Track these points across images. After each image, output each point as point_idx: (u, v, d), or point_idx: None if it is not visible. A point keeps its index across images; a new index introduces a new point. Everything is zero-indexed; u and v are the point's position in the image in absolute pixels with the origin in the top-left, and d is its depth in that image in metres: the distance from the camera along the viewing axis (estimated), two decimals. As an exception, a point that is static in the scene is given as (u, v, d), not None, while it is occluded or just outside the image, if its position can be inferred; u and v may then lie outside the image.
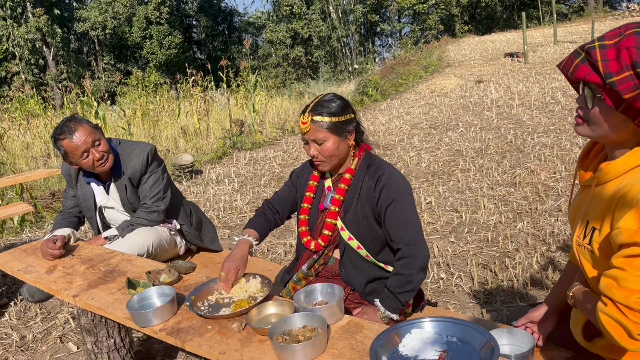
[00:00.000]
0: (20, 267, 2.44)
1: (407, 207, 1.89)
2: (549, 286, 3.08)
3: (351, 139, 1.96)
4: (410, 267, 1.83)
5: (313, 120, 1.89)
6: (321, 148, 1.91)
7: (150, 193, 2.72)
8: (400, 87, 13.59)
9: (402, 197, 1.88)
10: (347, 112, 1.93)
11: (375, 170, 1.96)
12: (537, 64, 13.48)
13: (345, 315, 1.63)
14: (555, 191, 4.64)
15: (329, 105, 1.91)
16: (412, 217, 1.88)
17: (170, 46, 36.73)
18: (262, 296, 1.80)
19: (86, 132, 2.51)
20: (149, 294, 1.89)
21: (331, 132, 1.89)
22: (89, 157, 2.53)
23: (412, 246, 1.84)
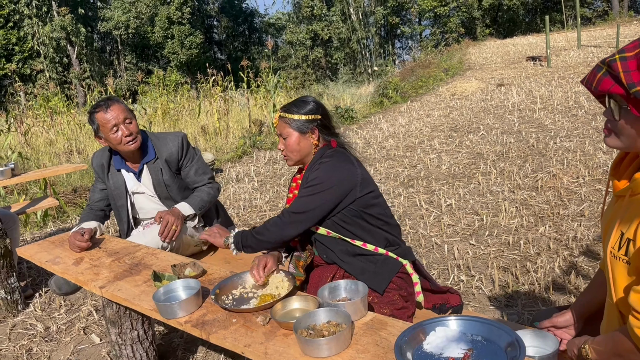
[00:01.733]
0: (48, 259, 2.49)
1: (311, 195, 1.94)
2: (572, 291, 3.05)
3: (314, 138, 2.05)
4: (270, 228, 2.00)
5: (281, 116, 2.08)
6: (286, 143, 2.06)
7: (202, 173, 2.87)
8: (420, 89, 13.55)
9: (315, 186, 1.93)
10: (313, 113, 2.05)
11: (320, 161, 2.02)
12: (560, 68, 13.33)
13: (368, 312, 1.64)
14: (578, 196, 4.59)
15: (298, 104, 2.07)
16: (306, 203, 1.94)
17: (192, 46, 37.08)
18: (286, 291, 1.82)
19: (120, 109, 2.60)
20: (175, 286, 1.92)
21: (293, 129, 2.04)
22: (118, 133, 2.60)
23: (284, 217, 1.97)
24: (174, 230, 2.61)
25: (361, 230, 2.01)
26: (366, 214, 2.00)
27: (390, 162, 6.51)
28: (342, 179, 1.93)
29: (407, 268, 2.02)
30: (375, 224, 2.02)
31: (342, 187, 1.94)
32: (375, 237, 2.02)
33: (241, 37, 45.55)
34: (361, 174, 1.99)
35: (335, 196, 1.94)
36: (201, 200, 2.79)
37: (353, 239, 2.01)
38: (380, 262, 1.99)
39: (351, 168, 1.97)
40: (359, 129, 9.22)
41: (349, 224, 2.00)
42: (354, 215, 1.99)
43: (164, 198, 2.81)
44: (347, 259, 2.02)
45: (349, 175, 1.95)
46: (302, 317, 1.54)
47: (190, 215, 2.75)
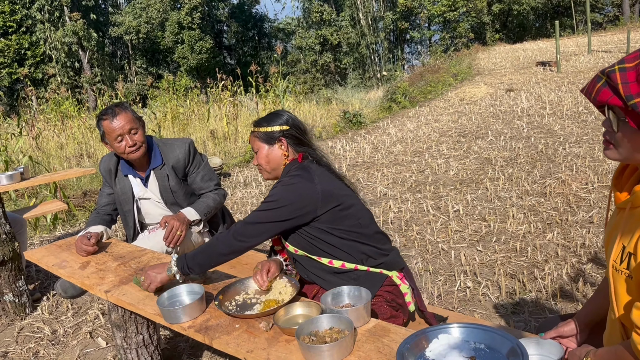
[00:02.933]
0: (55, 262, 2.51)
1: (265, 210, 1.88)
2: (579, 299, 3.03)
3: (283, 149, 2.04)
4: (221, 238, 1.91)
5: (252, 131, 2.11)
6: (257, 156, 2.08)
7: (208, 180, 2.88)
8: (429, 94, 13.54)
9: (269, 203, 1.88)
10: (279, 124, 2.04)
11: (282, 178, 1.98)
12: (570, 73, 13.26)
13: (371, 318, 1.64)
14: (587, 202, 4.56)
15: (268, 118, 2.08)
16: (258, 216, 1.88)
17: (201, 51, 37.30)
18: (289, 297, 1.82)
19: (126, 119, 2.61)
20: (179, 291, 1.92)
21: (261, 141, 2.05)
22: (122, 142, 2.61)
23: (232, 232, 1.89)
24: (179, 236, 2.62)
25: (334, 249, 1.94)
26: (336, 229, 1.93)
27: (397, 168, 6.50)
28: (296, 199, 1.87)
29: (394, 279, 1.97)
30: (349, 237, 1.95)
31: (296, 207, 1.87)
32: (351, 253, 1.95)
33: (251, 42, 45.75)
34: (322, 190, 1.89)
35: (289, 215, 1.87)
36: (207, 206, 2.80)
37: (331, 260, 1.95)
38: (362, 278, 1.94)
39: (309, 187, 1.88)
40: (367, 133, 9.22)
41: (320, 242, 1.94)
42: (322, 233, 1.93)
43: (170, 204, 2.83)
44: (327, 276, 1.98)
45: (305, 195, 1.87)
46: (304, 323, 1.54)
47: (196, 220, 2.76)
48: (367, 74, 37.77)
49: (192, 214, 2.75)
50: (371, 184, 5.93)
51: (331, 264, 1.96)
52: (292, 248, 2.01)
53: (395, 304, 1.93)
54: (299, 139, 2.08)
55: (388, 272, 1.97)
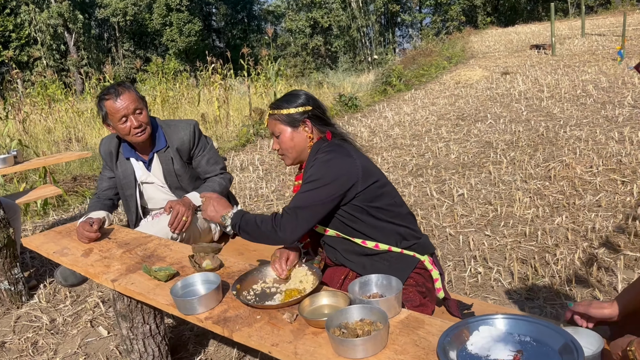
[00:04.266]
0: (55, 250, 2.39)
1: (311, 191, 1.78)
2: (594, 284, 2.96)
3: (307, 131, 1.93)
4: (266, 226, 1.79)
5: (270, 114, 1.96)
6: (279, 140, 1.95)
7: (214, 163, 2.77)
8: (422, 77, 13.40)
9: (313, 182, 1.78)
10: (302, 105, 1.93)
11: (316, 156, 1.88)
12: (565, 57, 13.18)
13: (402, 309, 1.54)
14: (593, 186, 4.49)
15: (286, 99, 1.96)
16: (306, 198, 1.78)
17: (190, 34, 36.76)
18: (311, 285, 1.72)
19: (130, 98, 2.48)
20: (193, 280, 1.82)
21: (284, 124, 1.92)
22: (127, 124, 2.49)
23: (288, 214, 1.78)
24: (185, 221, 2.51)
25: (370, 229, 1.87)
26: (373, 208, 1.85)
27: (397, 151, 6.40)
28: (340, 174, 1.78)
29: (426, 264, 1.90)
30: (385, 217, 1.87)
31: (342, 182, 1.79)
32: (386, 234, 1.88)
33: (240, 24, 45.18)
34: (361, 165, 1.84)
35: (336, 192, 1.79)
36: (213, 191, 2.68)
37: (364, 240, 1.88)
38: (394, 260, 1.87)
39: (349, 161, 1.82)
40: (363, 117, 9.10)
41: (355, 222, 1.86)
42: (359, 212, 1.85)
43: (174, 188, 2.71)
44: (356, 258, 1.90)
45: (347, 169, 1.80)
46: (334, 314, 1.44)
47: (201, 205, 2.64)
48: (358, 58, 37.49)
49: (198, 198, 2.63)
50: (371, 167, 5.83)
51: (364, 244, 1.88)
52: (321, 228, 1.91)
53: (425, 289, 1.85)
54: (322, 119, 1.98)
55: (420, 255, 1.89)
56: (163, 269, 1.96)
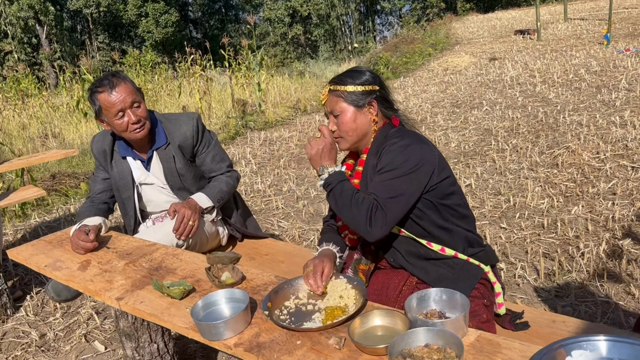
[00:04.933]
0: (47, 263, 2.12)
1: (399, 177, 1.57)
2: (625, 279, 2.79)
3: (373, 114, 1.72)
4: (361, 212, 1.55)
5: (331, 90, 1.75)
6: (338, 121, 1.73)
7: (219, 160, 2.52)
8: (407, 65, 13.20)
9: (396, 170, 1.57)
10: (369, 83, 1.72)
11: (388, 142, 1.66)
12: (551, 41, 13.10)
13: (469, 328, 1.32)
14: (604, 172, 4.34)
15: (351, 74, 1.75)
16: (397, 186, 1.56)
17: (167, 24, 35.99)
18: (354, 302, 1.49)
19: (127, 91, 2.20)
20: (215, 298, 1.57)
21: (348, 103, 1.71)
22: (124, 119, 2.21)
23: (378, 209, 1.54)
24: (191, 226, 2.25)
25: (437, 229, 1.66)
26: (442, 206, 1.66)
27: (394, 141, 6.18)
28: (422, 160, 1.59)
29: (490, 275, 1.69)
30: (452, 218, 1.68)
31: (425, 170, 1.59)
32: (453, 237, 1.68)
33: (217, 14, 44.44)
34: (438, 154, 1.65)
35: (421, 180, 1.59)
36: (220, 191, 2.43)
37: (429, 242, 1.66)
38: (459, 268, 1.67)
39: (426, 148, 1.63)
40: (353, 106, 8.86)
41: (423, 219, 1.65)
42: (428, 207, 1.64)
43: (176, 189, 2.45)
44: (419, 263, 1.69)
45: (427, 156, 1.61)
46: (395, 340, 1.22)
47: (209, 207, 2.39)
48: (338, 46, 37.15)
49: (204, 200, 2.38)
50: (370, 158, 5.61)
51: (430, 245, 1.66)
52: (395, 229, 1.68)
53: (489, 303, 1.65)
54: (388, 102, 1.76)
55: (484, 266, 1.68)
56: (176, 284, 1.71)
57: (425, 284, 1.67)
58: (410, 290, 1.67)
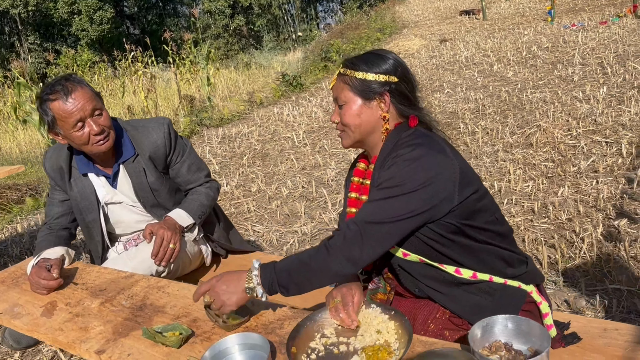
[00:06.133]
0: (1, 309, 1.77)
1: (390, 198, 1.29)
2: (633, 263, 2.67)
3: (383, 109, 1.43)
4: (331, 251, 1.29)
5: (340, 73, 1.49)
6: (342, 112, 1.47)
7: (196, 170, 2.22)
8: (358, 51, 13.00)
9: (393, 188, 1.29)
10: (385, 72, 1.43)
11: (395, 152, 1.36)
12: (497, 20, 13.21)
13: (546, 362, 1.10)
14: (580, 150, 4.26)
15: (368, 59, 1.46)
16: (381, 212, 1.29)
17: (102, 21, 34.43)
18: (397, 338, 1.25)
19: (86, 97, 1.87)
20: (225, 346, 1.29)
21: (354, 92, 1.44)
22: (84, 130, 1.88)
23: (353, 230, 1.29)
24: (172, 249, 1.95)
25: (466, 254, 1.38)
26: (470, 228, 1.36)
27: (361, 130, 5.97)
28: (433, 178, 1.28)
29: (534, 295, 1.43)
30: (484, 238, 1.39)
31: (435, 190, 1.28)
32: (486, 260, 1.40)
33: (154, 9, 42.96)
34: (459, 167, 1.34)
35: (426, 203, 1.28)
36: (200, 205, 2.13)
37: (458, 269, 1.38)
38: (498, 293, 1.40)
39: (444, 161, 1.32)
40: (311, 96, 8.59)
41: (446, 245, 1.36)
42: (452, 232, 1.35)
43: (149, 206, 2.13)
44: (449, 290, 1.40)
45: (442, 173, 1.30)
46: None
47: (189, 225, 2.09)
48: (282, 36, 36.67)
49: (184, 217, 2.08)
50: (339, 150, 5.37)
51: (458, 273, 1.38)
52: (399, 251, 1.40)
53: None
54: (407, 98, 1.46)
55: (526, 286, 1.42)
56: (170, 328, 1.42)
57: (459, 317, 1.43)
58: (443, 326, 1.41)
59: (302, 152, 5.55)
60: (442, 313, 1.41)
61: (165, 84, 14.47)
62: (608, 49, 7.46)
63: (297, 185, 4.62)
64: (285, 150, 5.77)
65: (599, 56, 7.18)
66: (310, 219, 3.91)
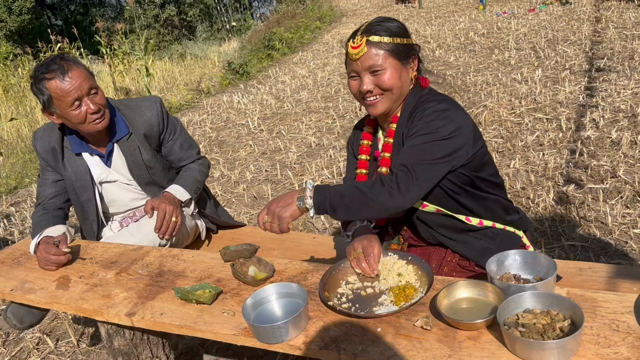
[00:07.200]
0: (12, 286, 1.78)
1: (433, 143, 1.42)
2: (579, 222, 2.97)
3: (413, 71, 1.56)
4: (377, 190, 1.38)
5: (369, 41, 1.49)
6: (378, 78, 1.50)
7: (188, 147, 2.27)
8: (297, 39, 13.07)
9: (435, 133, 1.42)
10: (409, 35, 1.56)
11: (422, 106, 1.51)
12: (432, 8, 13.64)
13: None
14: (525, 126, 4.59)
15: (387, 24, 1.52)
16: (427, 152, 1.42)
17: (22, 12, 32.54)
18: (418, 278, 1.40)
19: (82, 76, 1.89)
20: (265, 294, 1.39)
21: (393, 56, 1.49)
22: (81, 108, 1.90)
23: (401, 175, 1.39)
24: (174, 223, 2.01)
25: (475, 203, 1.56)
26: (478, 179, 1.54)
27: (315, 115, 6.09)
28: (459, 128, 1.44)
29: (524, 240, 1.65)
30: (488, 189, 1.57)
31: (461, 138, 1.44)
32: (490, 208, 1.58)
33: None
34: (472, 124, 1.52)
35: (456, 148, 1.44)
36: (195, 181, 2.20)
37: (468, 217, 1.56)
38: (500, 237, 1.59)
39: (463, 115, 1.49)
40: (259, 84, 8.61)
41: (460, 194, 1.53)
42: (464, 182, 1.52)
43: (144, 184, 2.17)
44: (457, 236, 1.59)
45: (465, 124, 1.46)
46: (502, 309, 1.14)
47: (186, 200, 2.15)
48: (215, 26, 36.03)
49: (181, 192, 2.14)
50: (297, 135, 5.48)
51: (468, 220, 1.56)
52: (432, 208, 1.55)
53: None
54: (421, 61, 1.61)
55: (518, 232, 1.63)
56: (198, 288, 1.50)
57: (467, 260, 1.60)
58: (452, 269, 1.60)
59: (260, 138, 5.61)
60: (451, 257, 1.59)
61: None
62: (539, 34, 7.95)
63: (260, 169, 4.70)
64: (242, 136, 5.81)
65: (531, 41, 7.64)
66: (279, 200, 4.01)
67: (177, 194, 2.11)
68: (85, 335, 2.66)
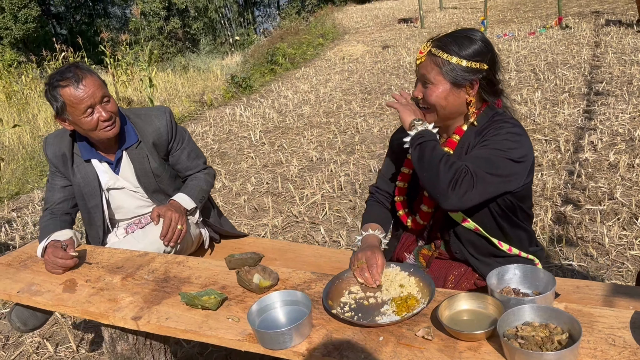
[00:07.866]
0: (18, 288, 1.81)
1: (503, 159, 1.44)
2: (576, 242, 3.01)
3: (471, 95, 1.53)
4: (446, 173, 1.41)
5: (431, 52, 1.52)
6: (427, 91, 1.54)
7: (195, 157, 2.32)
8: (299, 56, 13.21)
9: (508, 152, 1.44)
10: (479, 60, 1.50)
11: (496, 125, 1.53)
12: (434, 28, 13.82)
13: (550, 301, 1.32)
14: (524, 147, 4.64)
15: (460, 41, 1.51)
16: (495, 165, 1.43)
17: (27, 20, 32.84)
18: (419, 290, 1.43)
19: (96, 84, 1.95)
20: (270, 301, 1.43)
21: (446, 77, 1.50)
22: (93, 116, 1.95)
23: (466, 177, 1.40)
24: (180, 230, 2.05)
25: (511, 230, 1.60)
26: (519, 209, 1.59)
27: (317, 130, 6.15)
28: (527, 157, 1.49)
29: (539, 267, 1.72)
30: (523, 220, 1.63)
31: (524, 167, 1.49)
32: (521, 238, 1.63)
33: (83, 8, 41.42)
34: (532, 154, 1.55)
35: (518, 173, 1.48)
36: (201, 190, 2.24)
37: (500, 242, 1.60)
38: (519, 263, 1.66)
39: (531, 146, 1.53)
40: (261, 98, 8.69)
41: (504, 217, 1.57)
42: (507, 208, 1.56)
43: (151, 192, 2.21)
44: (485, 259, 1.63)
45: (530, 155, 1.51)
46: (502, 320, 1.18)
47: (192, 209, 2.19)
48: (219, 39, 36.37)
49: (187, 201, 2.17)
50: (298, 149, 5.53)
51: (500, 245, 1.60)
52: (459, 216, 1.56)
53: None
54: (493, 85, 1.58)
55: (536, 259, 1.68)
56: (203, 294, 1.53)
57: (484, 280, 1.63)
58: (469, 286, 1.63)
59: (262, 151, 5.66)
60: (471, 276, 1.64)
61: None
62: (539, 57, 8.06)
63: (261, 182, 4.74)
64: (244, 149, 5.86)
65: (531, 64, 7.74)
66: (279, 213, 4.05)
67: (183, 203, 2.15)
68: (84, 341, 2.67)
